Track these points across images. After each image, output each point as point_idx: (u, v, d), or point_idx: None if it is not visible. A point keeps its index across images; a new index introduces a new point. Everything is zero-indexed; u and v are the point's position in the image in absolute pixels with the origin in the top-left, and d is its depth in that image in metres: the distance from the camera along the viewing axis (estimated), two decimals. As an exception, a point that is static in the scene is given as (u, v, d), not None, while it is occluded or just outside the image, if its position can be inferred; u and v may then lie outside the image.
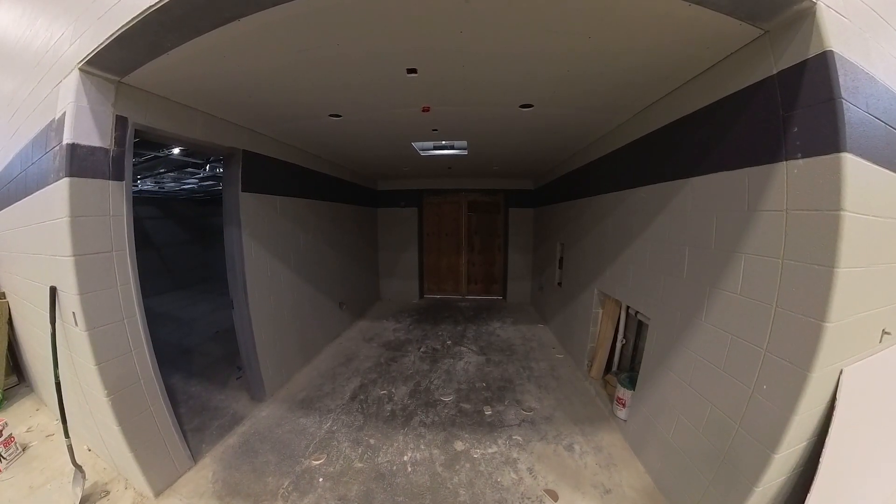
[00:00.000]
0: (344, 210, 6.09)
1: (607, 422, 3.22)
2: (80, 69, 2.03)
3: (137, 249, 2.44)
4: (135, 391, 2.38)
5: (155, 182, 7.09)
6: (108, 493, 2.47)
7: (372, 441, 3.05)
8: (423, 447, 2.96)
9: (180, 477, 2.62)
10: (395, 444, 3.00)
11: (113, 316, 2.26)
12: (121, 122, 2.27)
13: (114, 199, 2.26)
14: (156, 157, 4.62)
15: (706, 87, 2.16)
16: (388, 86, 2.50)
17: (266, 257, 3.83)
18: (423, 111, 2.99)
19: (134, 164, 4.78)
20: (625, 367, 3.65)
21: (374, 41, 1.91)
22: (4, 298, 3.72)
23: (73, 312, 2.13)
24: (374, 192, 7.76)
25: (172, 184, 7.37)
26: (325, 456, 2.86)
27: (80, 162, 2.06)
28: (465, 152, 4.74)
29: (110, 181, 2.23)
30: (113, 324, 2.25)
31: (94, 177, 2.14)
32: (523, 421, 3.30)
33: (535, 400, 3.67)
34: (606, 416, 3.29)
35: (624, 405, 3.07)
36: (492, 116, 3.19)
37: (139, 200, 8.60)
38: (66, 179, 2.02)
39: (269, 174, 3.90)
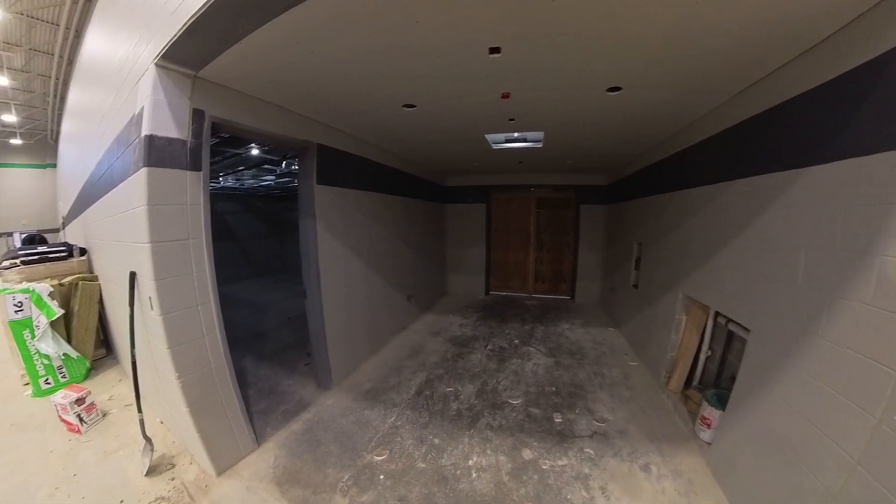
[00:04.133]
0: (414, 205, 6.11)
1: (687, 442, 2.87)
2: (156, 64, 2.10)
3: (218, 240, 2.51)
4: (205, 375, 2.44)
5: (236, 179, 7.61)
6: (173, 466, 2.58)
7: (436, 440, 2.95)
8: (489, 452, 2.82)
9: (242, 458, 2.68)
10: (461, 447, 2.88)
11: (187, 302, 2.32)
12: (197, 114, 2.34)
13: (191, 188, 2.32)
14: (236, 155, 4.95)
15: (828, 57, 1.82)
16: (468, 68, 2.34)
17: (339, 248, 3.89)
18: (503, 98, 2.84)
19: (216, 162, 5.19)
20: (708, 382, 3.27)
21: (456, 15, 1.75)
22: (97, 280, 4.22)
23: (150, 297, 2.22)
24: (442, 188, 7.77)
25: (251, 181, 7.86)
26: (388, 452, 2.81)
27: (157, 152, 2.13)
28: (541, 144, 4.53)
29: (188, 171, 2.30)
30: (187, 309, 2.32)
31: (171, 167, 2.21)
32: (595, 433, 3.05)
33: (607, 410, 3.40)
34: (686, 436, 2.94)
35: (709, 426, 2.73)
36: (575, 102, 2.96)
37: (222, 196, 9.42)
38: (145, 169, 2.09)
39: (343, 168, 3.95)
